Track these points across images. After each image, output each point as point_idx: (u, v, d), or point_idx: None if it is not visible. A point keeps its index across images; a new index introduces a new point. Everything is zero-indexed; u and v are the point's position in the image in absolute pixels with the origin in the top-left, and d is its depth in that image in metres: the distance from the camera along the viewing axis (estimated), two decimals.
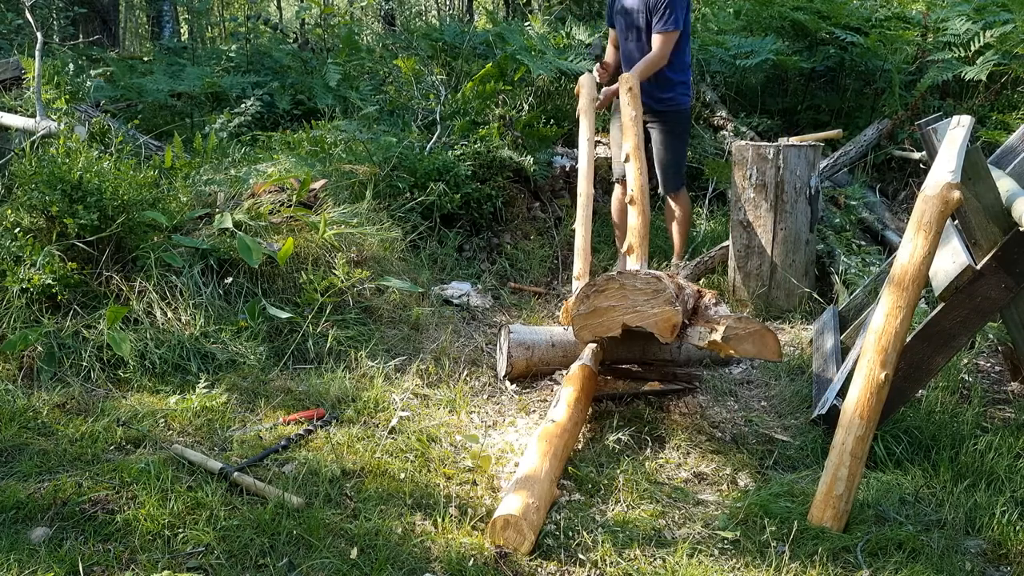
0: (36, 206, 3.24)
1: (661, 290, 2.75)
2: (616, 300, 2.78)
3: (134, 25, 13.84)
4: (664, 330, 2.75)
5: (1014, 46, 5.69)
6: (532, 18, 7.02)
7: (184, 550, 2.10)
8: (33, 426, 2.66)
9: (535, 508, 2.24)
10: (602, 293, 2.80)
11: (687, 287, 3.00)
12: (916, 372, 2.70)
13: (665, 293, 2.74)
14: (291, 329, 3.37)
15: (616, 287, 2.79)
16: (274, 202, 3.84)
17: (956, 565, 2.23)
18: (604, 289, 2.79)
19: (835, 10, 6.20)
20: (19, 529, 2.17)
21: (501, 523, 2.21)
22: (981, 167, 2.55)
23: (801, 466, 2.79)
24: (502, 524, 2.21)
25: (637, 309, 2.77)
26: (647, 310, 2.76)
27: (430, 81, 5.55)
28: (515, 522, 2.19)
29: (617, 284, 2.79)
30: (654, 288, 2.76)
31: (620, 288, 2.78)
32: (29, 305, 3.11)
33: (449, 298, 4.15)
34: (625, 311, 2.78)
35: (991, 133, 5.33)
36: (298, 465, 2.51)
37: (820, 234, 4.58)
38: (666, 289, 2.75)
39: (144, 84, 5.74)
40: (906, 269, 2.30)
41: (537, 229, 4.97)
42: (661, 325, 2.75)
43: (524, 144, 5.05)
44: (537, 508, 2.25)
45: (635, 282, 2.78)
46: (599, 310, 2.80)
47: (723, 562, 2.21)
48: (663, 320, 2.74)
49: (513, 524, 2.19)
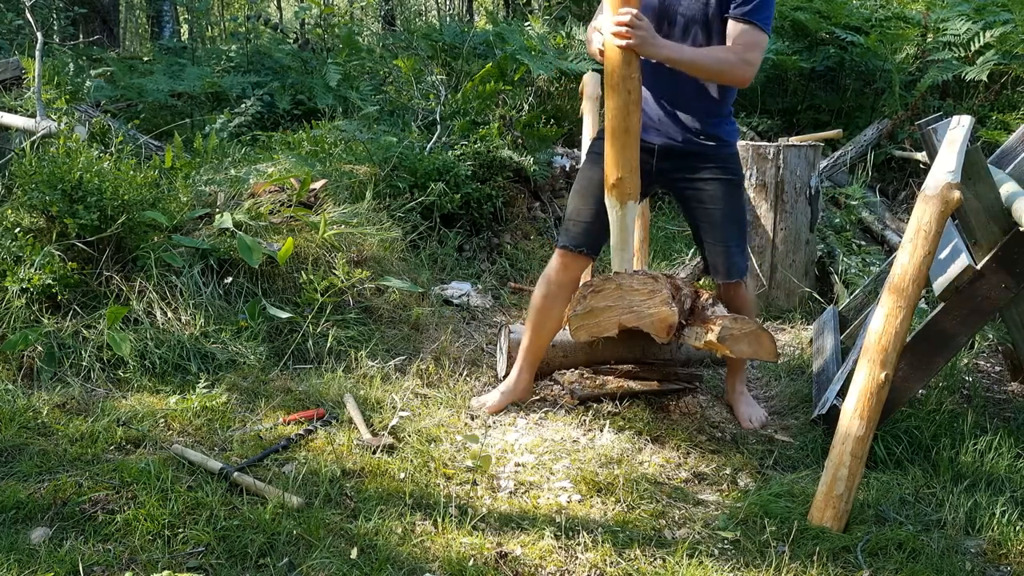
0: (36, 206, 3.24)
1: (657, 291, 2.75)
2: (613, 300, 2.78)
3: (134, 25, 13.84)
4: (660, 330, 2.76)
5: (1014, 46, 5.69)
6: (532, 18, 7.02)
7: (184, 550, 2.10)
8: (33, 426, 2.66)
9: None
10: (599, 293, 2.80)
11: (684, 287, 3.00)
12: (916, 372, 2.70)
13: (661, 294, 2.74)
14: (291, 329, 3.37)
15: (613, 287, 2.79)
16: (274, 202, 3.84)
17: (956, 565, 2.22)
18: (601, 290, 2.80)
19: (835, 10, 6.20)
20: (19, 529, 2.17)
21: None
22: (981, 167, 2.55)
23: (801, 466, 2.79)
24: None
25: (633, 309, 2.77)
26: (643, 310, 2.76)
27: (430, 81, 5.55)
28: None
29: (614, 284, 2.79)
30: (650, 289, 2.76)
31: (617, 288, 2.78)
32: (29, 305, 3.11)
33: (449, 298, 4.15)
34: (622, 311, 2.78)
35: (991, 133, 5.33)
36: (298, 465, 2.51)
37: (820, 234, 4.58)
38: (662, 290, 2.75)
39: (144, 84, 5.74)
40: (906, 269, 2.29)
41: (537, 229, 4.97)
42: (657, 325, 2.75)
43: (524, 144, 5.05)
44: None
45: (632, 282, 2.78)
46: (595, 310, 2.80)
47: (723, 562, 2.21)
48: (659, 320, 2.75)
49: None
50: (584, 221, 2.95)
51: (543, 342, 3.11)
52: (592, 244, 2.97)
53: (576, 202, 2.98)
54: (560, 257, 2.99)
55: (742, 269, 2.97)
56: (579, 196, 2.98)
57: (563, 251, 2.98)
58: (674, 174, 2.91)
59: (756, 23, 2.61)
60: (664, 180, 2.95)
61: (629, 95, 2.64)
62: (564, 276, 3.00)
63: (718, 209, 2.89)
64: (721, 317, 2.76)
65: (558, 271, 3.00)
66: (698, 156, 2.85)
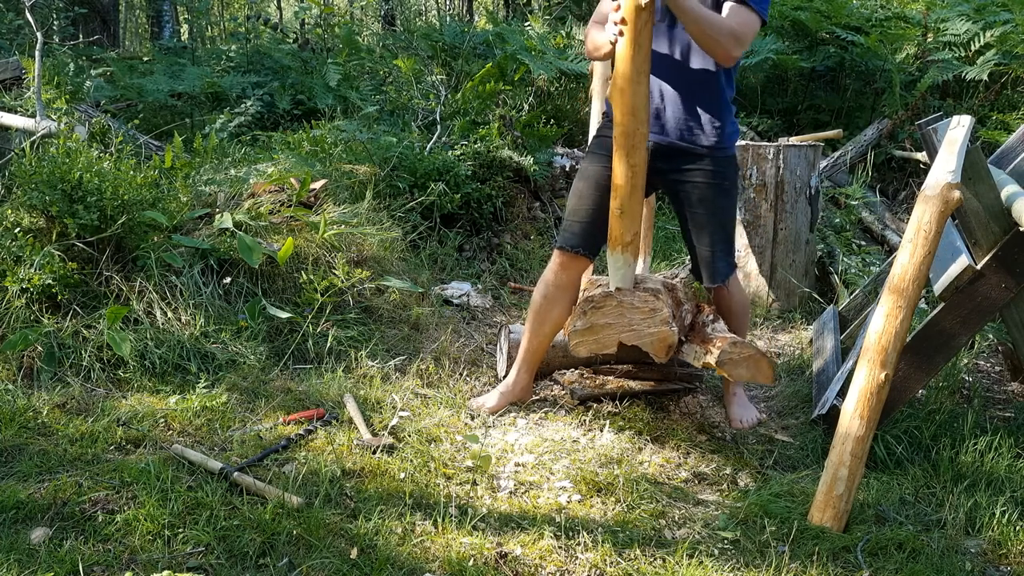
0: (36, 206, 3.24)
1: (658, 309, 2.75)
2: (613, 318, 2.79)
3: (134, 25, 13.84)
4: (659, 350, 2.78)
5: (1014, 46, 5.70)
6: (532, 18, 7.02)
7: (184, 550, 2.10)
8: (33, 426, 2.66)
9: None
10: (599, 310, 2.80)
11: (686, 303, 3.00)
12: (916, 372, 2.70)
13: (662, 313, 2.75)
14: (291, 329, 3.37)
15: (614, 304, 2.79)
16: (274, 202, 3.84)
17: (956, 565, 2.23)
18: (602, 306, 2.79)
19: (835, 10, 6.21)
20: (19, 529, 2.16)
21: None
22: (981, 167, 2.55)
23: (801, 466, 2.80)
24: None
25: (634, 328, 2.78)
26: (643, 329, 2.77)
27: (430, 81, 5.55)
28: None
29: (615, 302, 2.78)
30: (651, 307, 2.76)
31: (618, 306, 2.78)
32: (29, 305, 3.11)
33: (449, 298, 4.15)
34: (621, 329, 2.79)
35: (991, 133, 5.33)
36: (298, 465, 2.51)
37: (820, 234, 4.58)
38: (663, 309, 2.75)
39: (144, 84, 5.74)
40: (906, 269, 2.30)
41: (537, 229, 4.97)
42: (656, 345, 2.77)
43: (524, 144, 5.05)
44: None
45: (633, 300, 2.78)
46: (596, 327, 2.80)
47: (723, 562, 2.21)
48: (658, 340, 2.76)
49: None
50: (581, 221, 2.92)
51: (543, 343, 3.10)
52: (590, 245, 2.94)
53: (574, 202, 2.95)
54: (558, 257, 2.97)
55: (725, 274, 2.94)
56: (577, 196, 2.94)
57: (560, 252, 2.96)
58: (669, 174, 2.89)
59: (752, 6, 2.60)
60: (661, 179, 2.92)
61: (638, 159, 2.65)
62: (563, 277, 2.98)
63: (705, 212, 2.86)
64: (721, 338, 2.76)
65: (556, 272, 2.98)
66: (691, 157, 2.83)
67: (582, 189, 2.93)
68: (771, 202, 4.22)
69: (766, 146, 4.26)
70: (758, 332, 4.11)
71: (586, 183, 2.92)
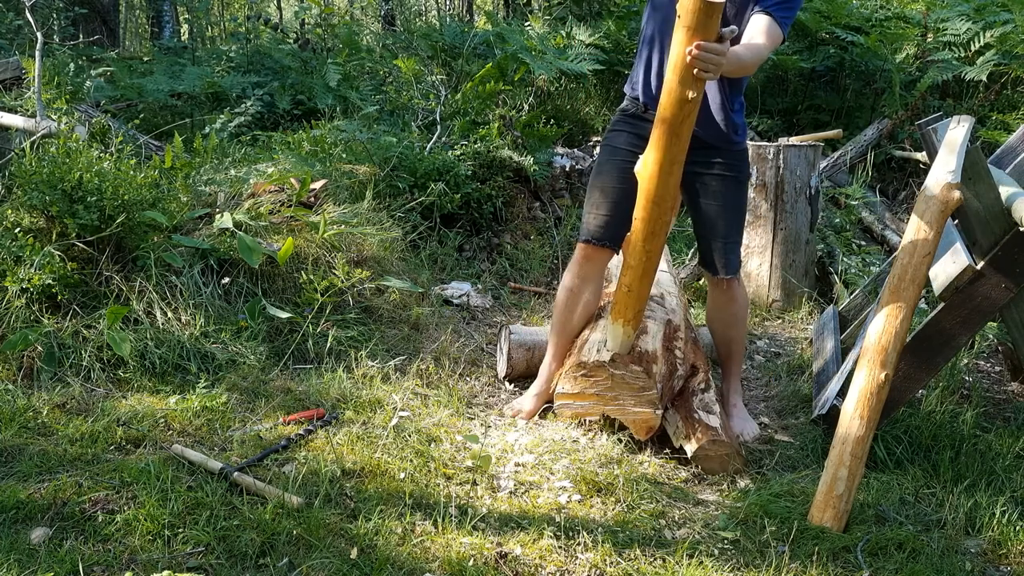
0: (36, 206, 3.24)
1: (647, 388, 2.74)
2: (602, 390, 2.78)
3: (134, 25, 13.84)
4: (640, 430, 2.79)
5: (1014, 46, 5.70)
6: (532, 18, 7.02)
7: (184, 550, 2.10)
8: (33, 426, 2.66)
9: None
10: (590, 379, 2.79)
11: (680, 368, 2.96)
12: (916, 372, 2.70)
13: (650, 393, 2.74)
14: (291, 329, 3.37)
15: (605, 376, 2.77)
16: (274, 202, 3.84)
17: (956, 565, 2.23)
18: (593, 375, 2.79)
19: (835, 10, 6.21)
20: (19, 529, 2.17)
21: None
22: (981, 167, 2.55)
23: (801, 466, 2.80)
24: None
25: (620, 402, 2.77)
26: (628, 407, 2.77)
27: (430, 81, 5.55)
28: None
29: (607, 373, 2.77)
30: (641, 385, 2.75)
31: (609, 378, 2.77)
32: (29, 305, 3.11)
33: (449, 298, 4.15)
34: (608, 402, 2.79)
35: (991, 133, 5.33)
36: (298, 465, 2.51)
37: (820, 234, 4.58)
38: (652, 389, 2.74)
39: (144, 84, 5.74)
40: (906, 269, 2.30)
41: (537, 229, 4.97)
42: (638, 424, 2.78)
43: (524, 144, 5.05)
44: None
45: (624, 374, 2.76)
46: (584, 394, 2.81)
47: (723, 562, 2.21)
48: (641, 421, 2.77)
49: None
50: (605, 215, 2.92)
51: (571, 338, 3.09)
52: (614, 237, 2.93)
53: (596, 195, 2.94)
54: (583, 250, 2.97)
55: (736, 265, 2.98)
56: (598, 190, 2.93)
57: (585, 245, 2.96)
58: (686, 166, 2.82)
59: (781, 23, 2.61)
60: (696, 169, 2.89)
61: (655, 246, 2.66)
62: (588, 268, 2.98)
63: (720, 204, 2.90)
64: (704, 431, 2.74)
65: (581, 264, 2.98)
66: (708, 149, 2.84)
67: (603, 183, 2.92)
68: (771, 202, 4.22)
69: (766, 146, 4.26)
70: (758, 332, 4.11)
71: (607, 177, 2.91)
